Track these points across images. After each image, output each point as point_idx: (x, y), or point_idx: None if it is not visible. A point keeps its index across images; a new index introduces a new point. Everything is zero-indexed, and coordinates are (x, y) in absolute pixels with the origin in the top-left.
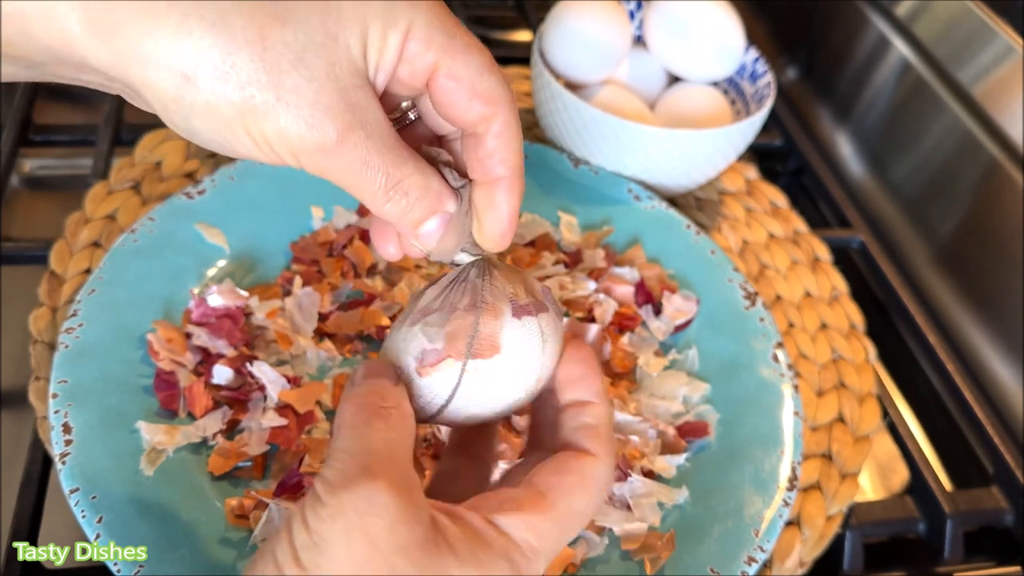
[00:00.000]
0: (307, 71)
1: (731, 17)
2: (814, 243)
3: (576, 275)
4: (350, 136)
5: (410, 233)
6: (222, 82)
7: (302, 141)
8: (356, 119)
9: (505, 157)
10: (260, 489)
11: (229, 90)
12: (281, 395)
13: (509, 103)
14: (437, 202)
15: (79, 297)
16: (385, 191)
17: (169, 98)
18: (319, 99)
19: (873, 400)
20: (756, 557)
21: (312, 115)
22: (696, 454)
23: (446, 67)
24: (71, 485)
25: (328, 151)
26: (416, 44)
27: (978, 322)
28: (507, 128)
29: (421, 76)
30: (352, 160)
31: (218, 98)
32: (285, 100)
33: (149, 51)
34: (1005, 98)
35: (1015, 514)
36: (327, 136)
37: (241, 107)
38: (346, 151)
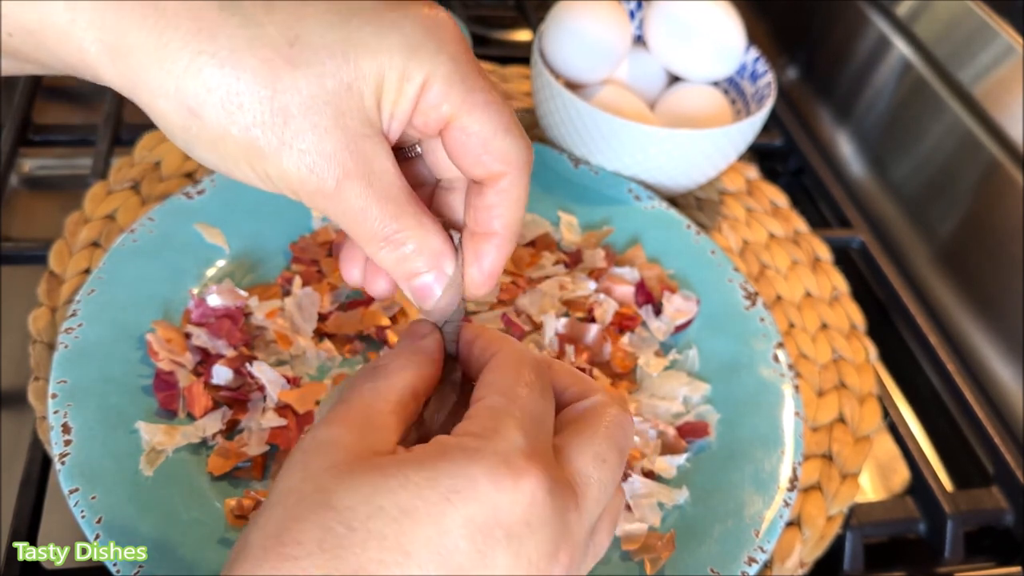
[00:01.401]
0: (315, 118)
1: (731, 17)
2: (814, 243)
3: (576, 275)
4: (350, 184)
5: (403, 285)
6: (228, 121)
7: (302, 184)
8: (359, 168)
9: (502, 214)
10: (260, 489)
11: (234, 129)
12: (281, 395)
13: (522, 166)
14: (433, 260)
15: (78, 297)
16: (380, 240)
17: (176, 127)
18: (323, 147)
19: (873, 400)
20: (756, 557)
21: (314, 162)
22: (696, 454)
23: (461, 122)
24: (70, 485)
25: (326, 196)
26: (433, 96)
27: (978, 322)
28: (513, 187)
29: (435, 126)
30: (350, 207)
31: (223, 134)
32: (288, 144)
33: (159, 82)
34: (1005, 98)
35: (1015, 514)
36: (326, 183)
37: (245, 146)
38: (344, 198)
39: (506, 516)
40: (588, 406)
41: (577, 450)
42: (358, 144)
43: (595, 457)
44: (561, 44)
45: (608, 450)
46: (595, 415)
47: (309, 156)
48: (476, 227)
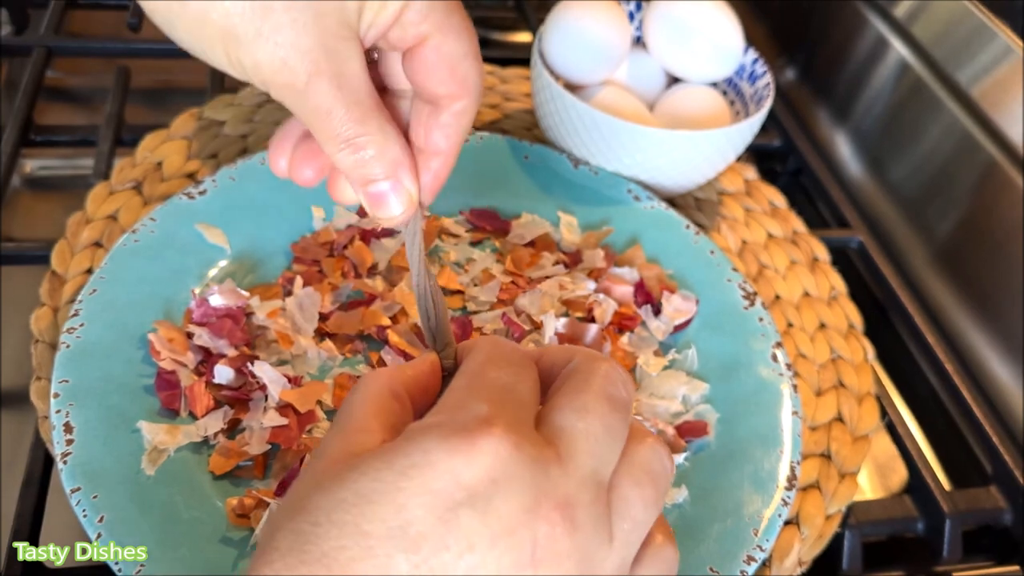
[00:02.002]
0: (295, 14)
1: (730, 18)
2: (813, 243)
3: (576, 275)
4: (320, 82)
5: (357, 189)
6: (209, 5)
7: (274, 76)
8: (331, 68)
9: (452, 135)
10: (261, 488)
11: (215, 14)
12: (282, 395)
13: (479, 93)
14: (391, 168)
15: (80, 297)
16: (341, 141)
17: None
18: (299, 41)
19: (872, 400)
20: (755, 556)
21: (288, 55)
22: (695, 453)
23: (435, 42)
24: (72, 485)
25: (296, 91)
26: (414, 13)
27: (976, 322)
28: (467, 111)
29: (410, 41)
30: (317, 105)
31: (203, 17)
32: (265, 36)
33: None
34: (1004, 99)
35: (1014, 513)
36: (297, 78)
37: (224, 32)
38: (313, 95)
39: (467, 478)
40: (569, 368)
41: (555, 408)
42: (334, 44)
43: (575, 409)
44: (561, 45)
45: (591, 400)
46: (575, 372)
47: (284, 50)
48: (426, 145)
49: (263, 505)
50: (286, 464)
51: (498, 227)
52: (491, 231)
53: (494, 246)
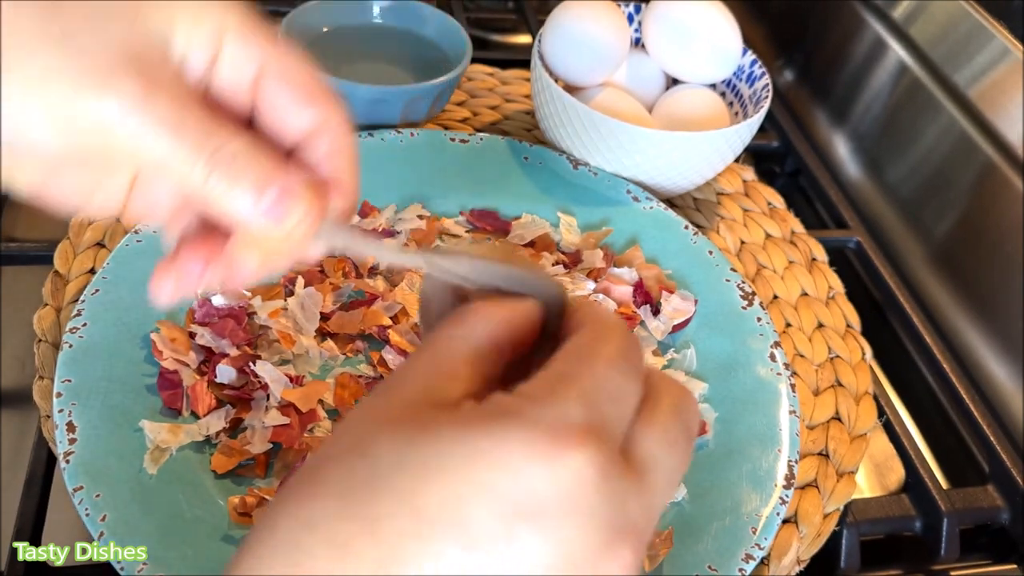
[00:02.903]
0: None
1: (728, 20)
2: (811, 244)
3: (575, 275)
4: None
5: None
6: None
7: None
8: (155, 80)
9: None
10: (263, 487)
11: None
12: (284, 394)
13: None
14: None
15: (83, 297)
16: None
17: None
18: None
19: (869, 399)
20: (753, 555)
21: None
22: (694, 452)
23: (273, 68)
24: (75, 483)
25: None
26: (234, 45)
27: (974, 321)
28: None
29: (247, 78)
30: (160, 119)
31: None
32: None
33: None
34: (1001, 100)
35: (1011, 512)
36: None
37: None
38: (151, 108)
39: (541, 492)
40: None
41: (646, 434)
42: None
43: (668, 443)
44: (560, 47)
45: (681, 434)
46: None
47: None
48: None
49: (265, 504)
50: (288, 463)
51: (498, 227)
52: (491, 231)
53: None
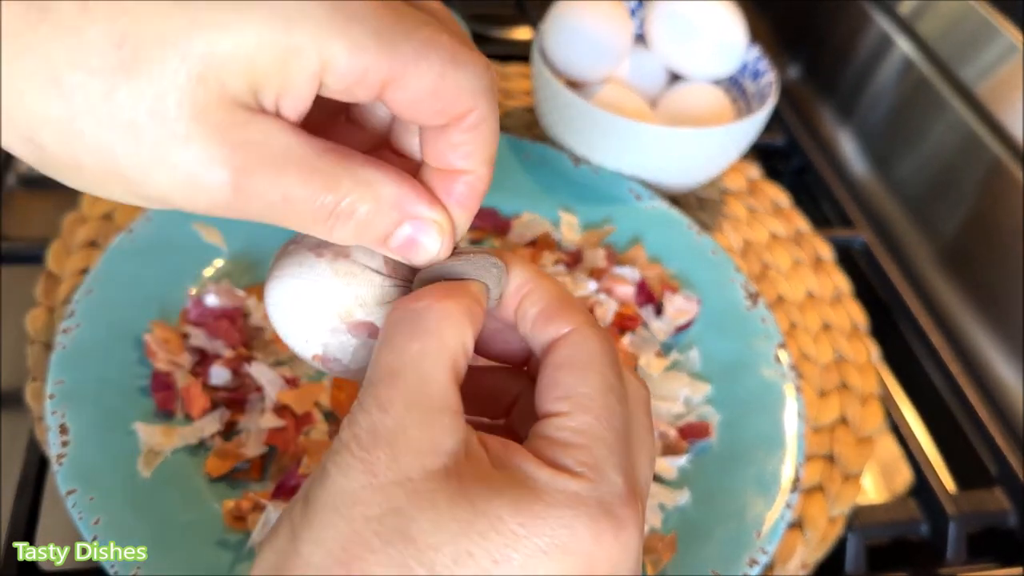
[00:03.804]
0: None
1: (733, 15)
2: (816, 243)
3: (577, 275)
4: (252, 180)
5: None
6: (73, 150)
7: (192, 200)
8: (254, 157)
9: (470, 152)
10: (258, 491)
11: (84, 157)
12: (279, 396)
13: (485, 92)
14: (399, 208)
15: (76, 297)
16: (325, 219)
17: (27, 157)
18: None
19: (876, 401)
20: (758, 559)
21: (192, 172)
22: (698, 455)
23: (398, 82)
24: (68, 486)
25: (232, 202)
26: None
27: (982, 323)
28: (482, 123)
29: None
30: (268, 202)
31: (76, 164)
32: (154, 161)
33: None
34: (1008, 97)
35: (1018, 516)
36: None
37: (106, 172)
38: (255, 196)
39: (600, 567)
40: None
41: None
42: (237, 135)
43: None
44: (561, 42)
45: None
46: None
47: (183, 167)
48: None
49: (260, 508)
50: (283, 466)
51: (498, 226)
52: (491, 230)
53: (494, 245)
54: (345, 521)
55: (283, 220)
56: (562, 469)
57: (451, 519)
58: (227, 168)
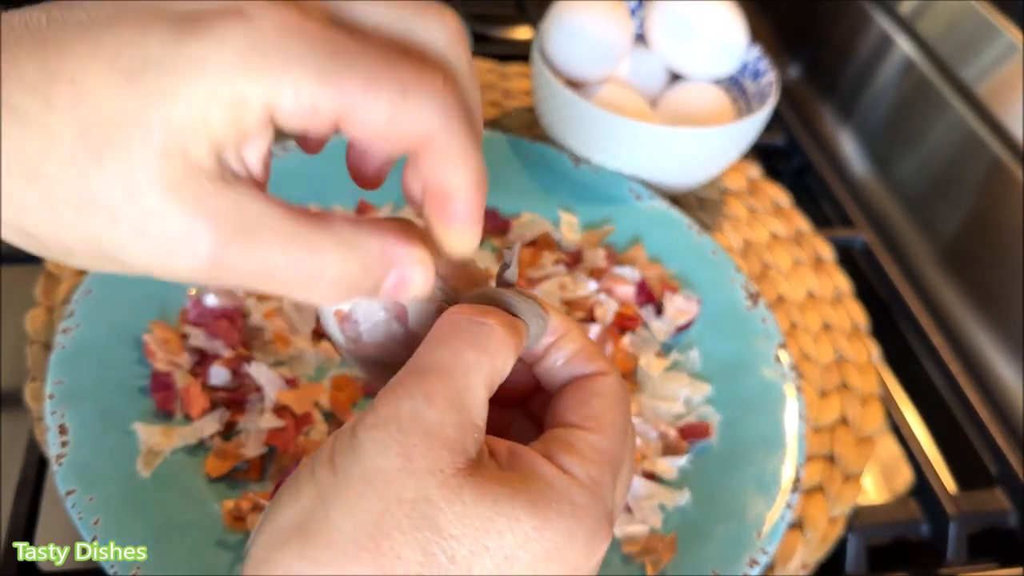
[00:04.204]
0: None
1: (733, 15)
2: (817, 243)
3: (577, 275)
4: (227, 251)
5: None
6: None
7: (175, 270)
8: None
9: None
10: (258, 491)
11: (70, 242)
12: (279, 396)
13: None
14: (383, 263)
15: (75, 297)
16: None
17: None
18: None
19: (876, 401)
20: (758, 559)
21: (171, 245)
22: (698, 456)
23: (349, 118)
24: (67, 487)
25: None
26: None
27: (983, 323)
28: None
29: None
30: (247, 271)
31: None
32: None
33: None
34: (1009, 97)
35: (1019, 516)
36: (199, 259)
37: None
38: (232, 266)
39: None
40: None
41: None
42: (209, 205)
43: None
44: (561, 42)
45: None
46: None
47: (162, 241)
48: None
49: (259, 508)
50: (283, 466)
51: (498, 226)
52: (491, 230)
53: (494, 245)
54: (379, 498)
55: (268, 287)
56: (572, 478)
57: (474, 514)
58: (203, 240)
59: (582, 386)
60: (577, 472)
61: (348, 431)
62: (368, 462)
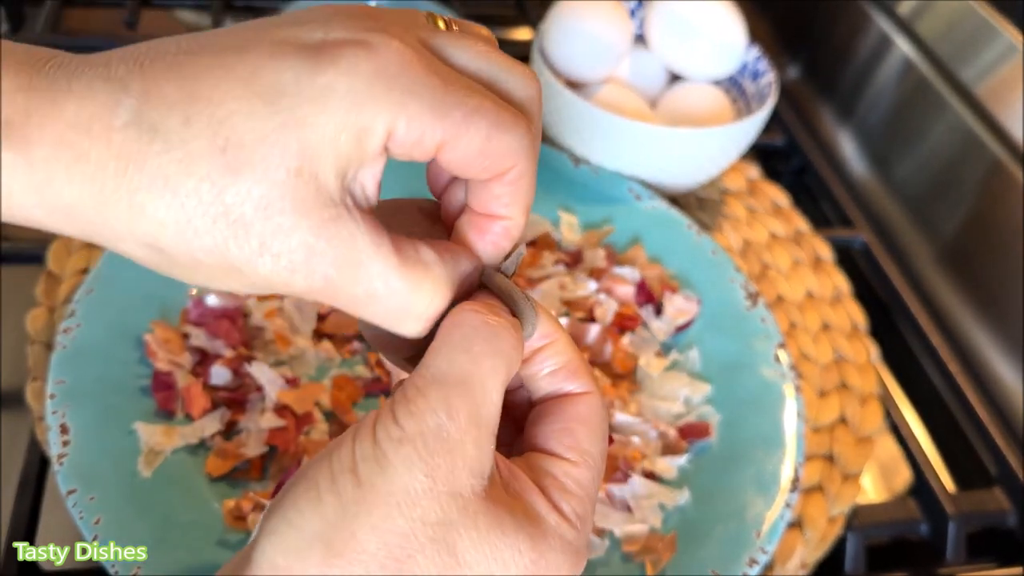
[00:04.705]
0: (276, 219)
1: (733, 15)
2: (816, 243)
3: (576, 275)
4: (340, 272)
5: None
6: (190, 248)
7: (290, 287)
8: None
9: (508, 203)
10: (258, 490)
11: (200, 254)
12: (279, 396)
13: (526, 152)
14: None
15: (77, 297)
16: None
17: (147, 262)
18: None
19: (875, 401)
20: (757, 559)
21: (292, 262)
22: (697, 455)
23: (448, 145)
24: (69, 486)
25: (323, 292)
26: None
27: (981, 322)
28: (521, 177)
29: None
30: (352, 295)
31: (192, 261)
32: (259, 252)
33: (110, 229)
34: (1008, 97)
35: (1018, 515)
36: (314, 280)
37: (218, 266)
38: (341, 288)
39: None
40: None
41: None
42: (331, 229)
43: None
44: (561, 43)
45: None
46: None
47: (285, 258)
48: (481, 209)
49: (260, 508)
50: (284, 466)
51: None
52: None
53: None
54: (405, 520)
55: (367, 314)
56: (563, 516)
57: (487, 541)
58: (323, 259)
59: (566, 408)
60: (566, 509)
61: (369, 438)
62: (395, 481)
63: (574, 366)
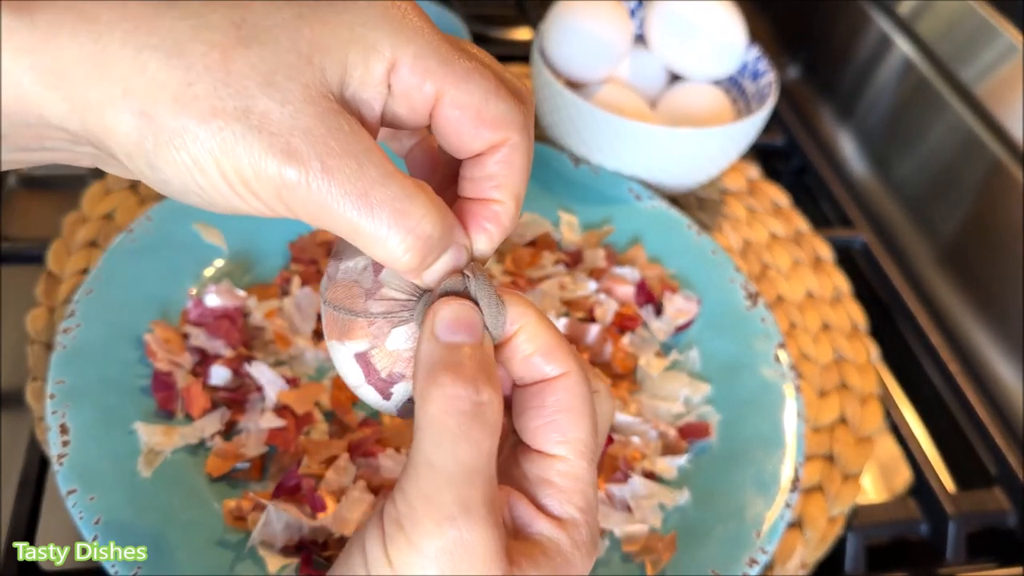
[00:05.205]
0: (279, 94)
1: (733, 15)
2: (816, 243)
3: (576, 275)
4: (339, 162)
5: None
6: (185, 114)
7: (282, 175)
8: (342, 143)
9: (504, 183)
10: (258, 491)
11: (193, 123)
12: (279, 396)
13: (520, 127)
14: (449, 236)
15: (76, 297)
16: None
17: (132, 143)
18: (296, 123)
19: (875, 401)
20: (758, 559)
21: (289, 142)
22: (697, 455)
23: (448, 96)
24: (68, 486)
25: (317, 187)
26: (408, 74)
27: (981, 322)
28: (514, 153)
29: (422, 110)
30: (348, 195)
31: (183, 131)
32: (256, 127)
33: (104, 93)
34: (1008, 97)
35: (1018, 515)
36: (311, 165)
37: (209, 140)
38: (337, 183)
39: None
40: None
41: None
42: (333, 120)
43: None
44: (561, 43)
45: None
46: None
47: (283, 136)
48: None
49: (260, 508)
50: (283, 466)
51: None
52: None
53: None
54: None
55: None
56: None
57: None
58: (323, 144)
59: (546, 398)
60: (572, 513)
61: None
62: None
63: (548, 348)
